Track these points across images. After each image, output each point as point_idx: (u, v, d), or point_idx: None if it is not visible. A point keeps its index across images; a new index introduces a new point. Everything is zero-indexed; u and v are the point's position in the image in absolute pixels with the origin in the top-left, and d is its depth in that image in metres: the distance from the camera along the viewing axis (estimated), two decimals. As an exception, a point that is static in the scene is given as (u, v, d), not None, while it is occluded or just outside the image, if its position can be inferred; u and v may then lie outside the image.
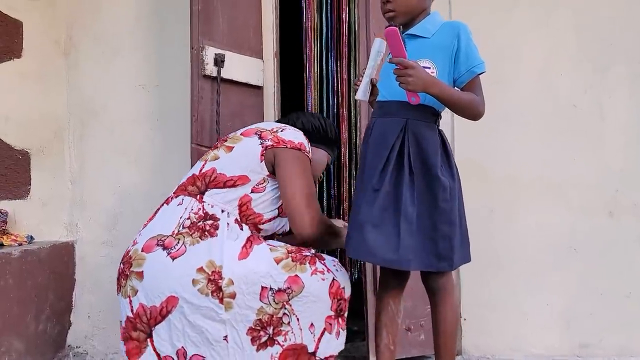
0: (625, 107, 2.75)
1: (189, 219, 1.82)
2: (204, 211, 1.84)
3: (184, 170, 2.44)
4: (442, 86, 1.65)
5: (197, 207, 1.85)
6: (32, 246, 2.59)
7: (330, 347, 1.84)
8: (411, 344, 2.61)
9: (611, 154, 2.74)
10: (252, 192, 1.89)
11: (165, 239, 1.79)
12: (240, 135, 2.01)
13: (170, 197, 1.95)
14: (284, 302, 1.75)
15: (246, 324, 1.72)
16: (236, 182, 1.88)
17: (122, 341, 1.79)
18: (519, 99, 2.77)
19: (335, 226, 2.11)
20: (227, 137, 2.07)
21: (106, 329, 2.80)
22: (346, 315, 1.90)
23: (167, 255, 1.75)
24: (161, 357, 1.73)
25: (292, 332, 1.77)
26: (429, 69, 1.69)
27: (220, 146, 2.02)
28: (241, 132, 2.03)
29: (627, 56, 2.76)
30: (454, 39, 1.72)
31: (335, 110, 3.20)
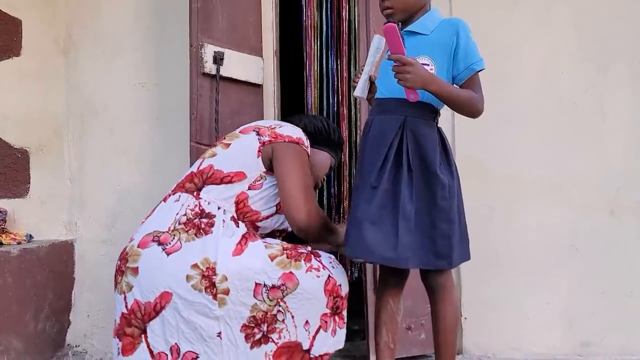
0: (626, 106, 2.74)
1: (185, 215, 1.82)
2: (200, 208, 1.83)
3: (184, 168, 2.43)
4: (441, 83, 1.64)
5: (193, 203, 1.84)
6: (31, 245, 2.59)
7: (325, 344, 1.82)
8: (412, 343, 2.60)
9: (612, 153, 2.72)
10: (249, 189, 1.88)
11: (161, 235, 1.78)
12: (238, 132, 2.01)
13: (168, 194, 1.94)
14: (279, 299, 1.74)
15: (240, 320, 1.71)
16: (233, 179, 1.87)
17: (115, 337, 1.79)
18: (519, 97, 2.76)
19: (332, 223, 2.08)
20: (226, 135, 2.06)
21: (105, 327, 2.79)
22: (345, 313, 1.88)
23: (163, 250, 1.74)
24: (154, 354, 1.72)
25: (287, 330, 1.76)
26: (428, 66, 1.68)
27: (218, 144, 2.01)
28: (240, 129, 2.03)
29: (628, 54, 2.75)
30: (453, 36, 1.71)
31: (335, 108, 3.19)
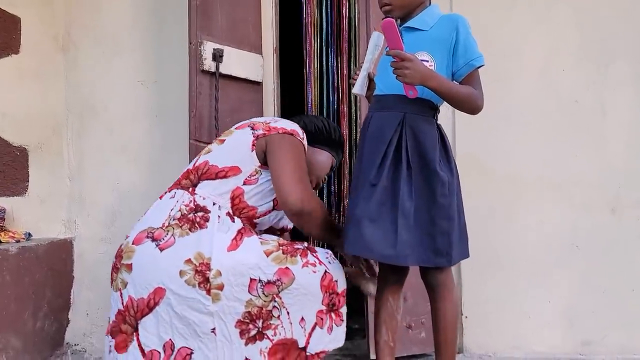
0: (627, 104, 2.73)
1: (179, 211, 1.80)
2: (194, 203, 1.81)
3: (183, 166, 2.41)
4: (440, 79, 1.63)
5: (188, 199, 1.83)
6: (30, 243, 2.58)
7: (321, 342, 1.79)
8: (412, 342, 2.60)
9: (613, 151, 2.71)
10: (244, 184, 1.85)
11: (154, 231, 1.77)
12: (233, 129, 2.00)
13: (164, 192, 1.93)
14: (274, 295, 1.72)
15: (235, 316, 1.69)
16: (227, 173, 1.85)
17: (108, 335, 1.78)
18: (520, 95, 2.75)
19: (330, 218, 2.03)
20: (222, 132, 2.06)
21: (105, 326, 2.72)
22: (342, 310, 1.85)
23: (156, 246, 1.73)
24: (145, 352, 1.70)
25: (282, 326, 1.73)
26: (427, 62, 1.67)
27: (214, 141, 2.01)
28: (235, 126, 2.02)
29: (629, 53, 2.74)
30: (453, 32, 1.70)
31: (335, 106, 3.18)
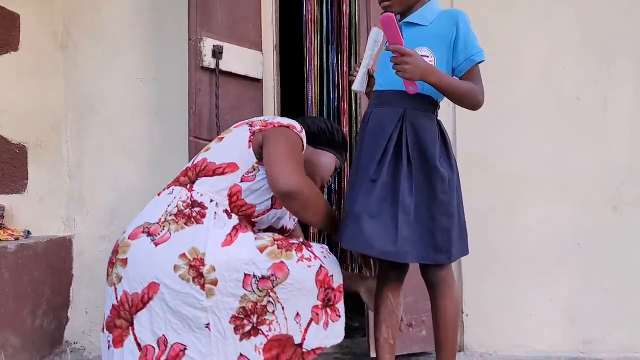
0: (629, 101, 2.72)
1: (176, 206, 1.79)
2: (191, 199, 1.81)
3: (182, 164, 2.40)
4: (441, 74, 1.61)
5: (185, 195, 1.82)
6: (29, 240, 2.57)
7: (317, 338, 1.77)
8: (412, 340, 2.59)
9: (615, 148, 2.70)
10: (241, 180, 1.84)
11: (150, 227, 1.76)
12: (232, 127, 2.00)
13: (163, 189, 1.93)
14: (268, 290, 1.70)
15: (229, 311, 1.67)
16: (225, 170, 1.84)
17: (104, 331, 1.76)
18: (521, 92, 2.74)
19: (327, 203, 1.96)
20: (223, 131, 2.05)
21: None
22: (339, 306, 1.83)
23: (151, 241, 1.72)
24: (141, 346, 1.68)
25: (277, 322, 1.72)
26: (427, 57, 1.66)
27: (214, 139, 2.01)
28: (235, 125, 2.02)
29: (630, 49, 2.72)
30: (453, 27, 1.68)
31: (335, 103, 3.17)
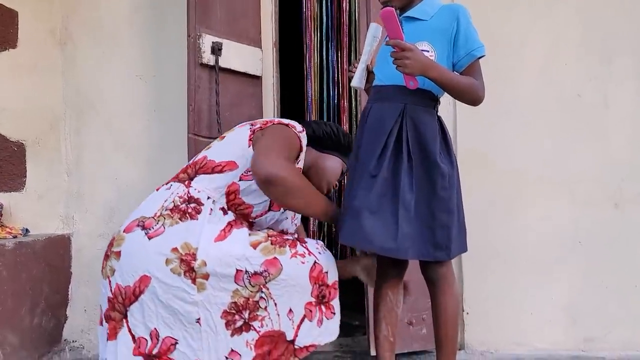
0: (630, 98, 2.71)
1: (172, 202, 1.79)
2: (188, 195, 1.80)
3: (182, 161, 2.41)
4: (441, 69, 1.60)
5: (183, 191, 1.82)
6: (27, 238, 2.55)
7: (310, 335, 1.76)
8: (413, 338, 2.58)
9: (616, 145, 2.69)
10: (240, 179, 1.83)
11: (145, 221, 1.76)
12: (236, 127, 2.00)
13: (162, 185, 1.92)
14: (261, 286, 1.68)
15: (220, 306, 1.67)
16: (224, 168, 1.84)
17: (101, 325, 1.76)
18: (522, 89, 2.72)
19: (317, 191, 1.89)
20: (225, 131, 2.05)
21: None
22: (334, 303, 1.81)
23: (145, 235, 1.72)
24: (135, 338, 1.69)
25: (269, 318, 1.70)
26: (428, 52, 1.64)
27: (217, 138, 2.01)
28: (238, 125, 2.02)
29: (632, 46, 2.71)
30: (453, 22, 1.67)
31: (335, 101, 3.16)
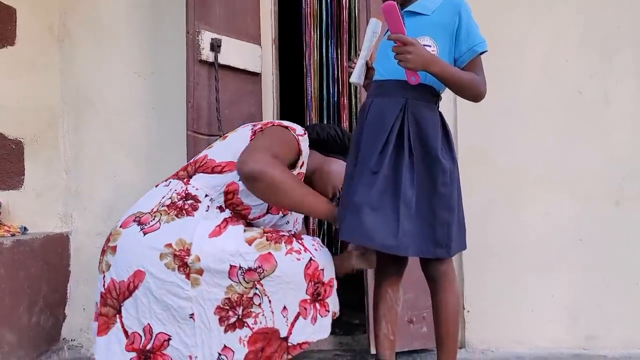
0: (631, 94, 2.69)
1: (170, 198, 1.79)
2: (186, 192, 1.80)
3: (181, 159, 2.40)
4: (443, 64, 1.59)
5: (181, 188, 1.82)
6: (25, 237, 2.54)
7: (304, 333, 1.75)
8: (413, 337, 2.57)
9: (617, 142, 2.68)
10: (239, 179, 1.83)
11: (142, 216, 1.76)
12: (239, 127, 1.99)
13: (161, 181, 1.91)
14: (255, 282, 1.68)
15: (214, 302, 1.66)
16: (224, 168, 1.83)
17: (94, 321, 1.75)
18: (523, 86, 2.71)
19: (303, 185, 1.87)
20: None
21: None
22: (328, 301, 1.79)
23: (140, 230, 1.72)
24: (129, 334, 1.68)
25: (263, 315, 1.69)
26: (430, 47, 1.62)
27: (220, 138, 2.01)
28: (242, 126, 2.01)
29: (633, 42, 2.70)
30: (455, 17, 1.65)
31: (335, 98, 3.15)
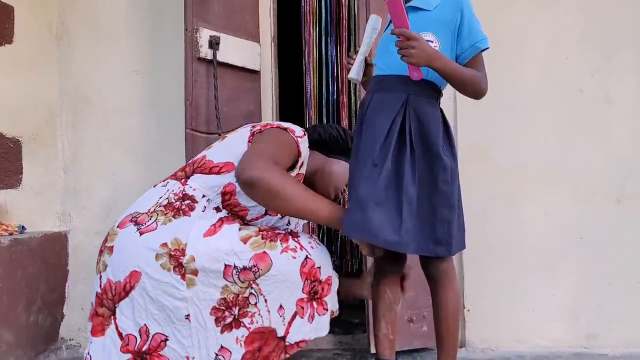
0: (632, 92, 2.69)
1: (167, 198, 1.78)
2: (183, 192, 1.79)
3: (179, 157, 2.39)
4: (446, 60, 1.57)
5: (178, 188, 1.81)
6: (23, 236, 2.53)
7: (301, 332, 1.72)
8: (413, 335, 2.56)
9: (618, 140, 2.67)
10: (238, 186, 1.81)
11: (139, 216, 1.76)
12: (239, 128, 1.98)
13: (159, 181, 1.90)
14: (250, 281, 1.66)
15: (209, 302, 1.65)
16: (221, 169, 1.82)
17: (89, 321, 1.74)
18: (523, 84, 2.70)
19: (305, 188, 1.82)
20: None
21: None
22: (327, 299, 1.76)
23: (137, 230, 1.71)
24: (123, 336, 1.67)
25: (260, 314, 1.67)
26: (432, 42, 1.61)
27: (219, 139, 1.99)
28: (242, 126, 1.99)
29: (634, 40, 2.69)
30: (457, 13, 1.64)
31: (335, 96, 3.14)
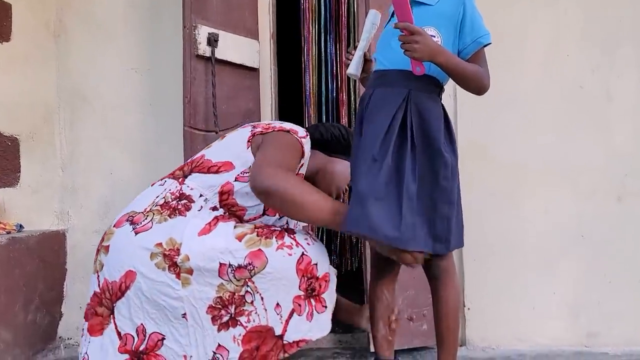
0: (633, 89, 2.67)
1: (164, 198, 1.78)
2: (180, 192, 1.78)
3: (177, 155, 2.38)
4: (449, 55, 1.56)
5: (175, 187, 1.80)
6: (20, 234, 2.52)
7: (300, 330, 1.71)
8: (413, 334, 2.55)
9: (619, 137, 2.66)
10: (235, 180, 1.80)
11: (135, 216, 1.75)
12: (239, 128, 1.97)
13: (157, 180, 1.89)
14: (246, 279, 1.65)
15: (206, 301, 1.64)
16: (220, 169, 1.81)
17: (85, 320, 1.73)
18: (524, 81, 2.69)
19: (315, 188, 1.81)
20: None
21: None
22: (325, 296, 1.75)
23: (132, 230, 1.71)
24: (121, 335, 1.67)
25: (256, 313, 1.67)
26: (434, 37, 1.60)
27: (219, 138, 1.99)
28: (242, 126, 1.99)
29: (634, 36, 2.68)
30: (459, 7, 1.63)
31: (334, 94, 3.13)
